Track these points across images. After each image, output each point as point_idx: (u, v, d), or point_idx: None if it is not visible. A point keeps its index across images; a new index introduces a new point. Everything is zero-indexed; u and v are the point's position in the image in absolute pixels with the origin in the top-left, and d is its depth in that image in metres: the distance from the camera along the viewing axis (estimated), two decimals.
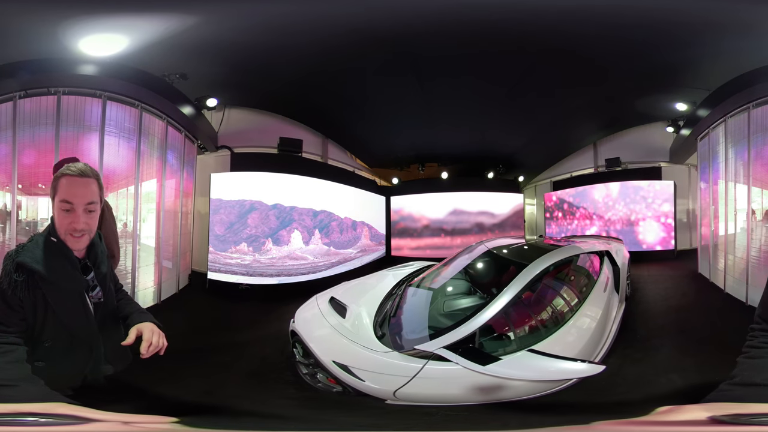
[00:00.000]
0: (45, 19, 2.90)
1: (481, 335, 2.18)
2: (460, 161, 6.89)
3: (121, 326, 1.74)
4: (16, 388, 1.27)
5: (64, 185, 1.47)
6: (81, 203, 1.48)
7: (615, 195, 6.11)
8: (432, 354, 2.08)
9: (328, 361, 2.26)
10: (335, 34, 3.40)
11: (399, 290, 2.97)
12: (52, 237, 1.51)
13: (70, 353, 1.54)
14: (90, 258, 1.62)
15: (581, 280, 2.84)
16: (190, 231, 4.58)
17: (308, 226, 4.85)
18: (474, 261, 3.18)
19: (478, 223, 6.50)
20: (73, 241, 1.51)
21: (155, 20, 3.04)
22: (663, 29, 3.39)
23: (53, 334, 1.50)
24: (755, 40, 3.35)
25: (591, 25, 3.33)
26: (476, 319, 2.22)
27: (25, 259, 1.44)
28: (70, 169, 1.49)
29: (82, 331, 1.55)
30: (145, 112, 3.83)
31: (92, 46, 3.18)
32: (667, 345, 3.04)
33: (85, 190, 1.49)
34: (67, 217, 1.48)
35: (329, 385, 2.28)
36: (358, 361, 2.19)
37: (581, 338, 2.38)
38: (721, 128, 4.43)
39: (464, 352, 2.06)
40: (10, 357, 1.36)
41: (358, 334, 2.39)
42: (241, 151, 4.70)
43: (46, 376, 1.40)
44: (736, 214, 4.10)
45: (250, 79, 4.24)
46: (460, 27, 3.37)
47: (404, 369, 2.09)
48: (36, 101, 3.29)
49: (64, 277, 1.50)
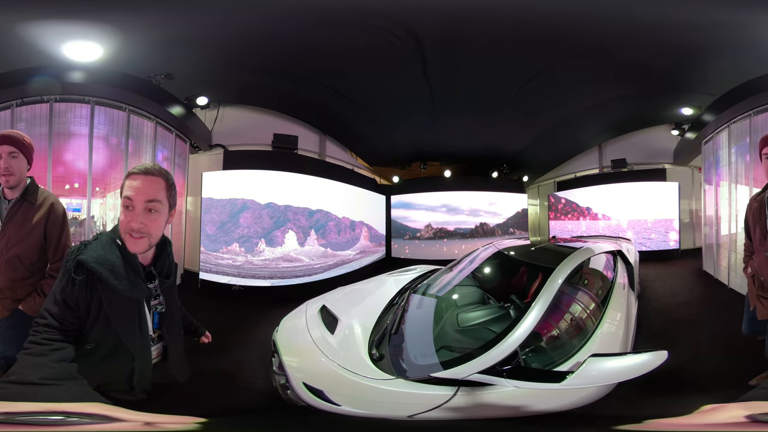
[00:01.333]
0: (28, 27, 2.88)
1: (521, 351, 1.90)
2: (463, 160, 6.82)
3: (181, 338, 1.74)
4: (58, 387, 1.24)
5: (128, 182, 1.43)
6: (141, 200, 1.40)
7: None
8: (463, 380, 1.77)
9: (297, 382, 1.98)
10: (334, 24, 3.29)
11: (401, 300, 2.62)
12: (117, 240, 1.45)
13: (110, 359, 1.48)
14: (157, 266, 1.56)
15: (602, 281, 2.66)
16: (182, 230, 4.51)
17: (303, 226, 4.72)
18: (485, 265, 2.94)
19: (481, 223, 6.43)
20: (132, 243, 1.43)
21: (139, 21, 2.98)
22: (672, 37, 3.36)
23: (99, 338, 1.44)
24: (760, 51, 3.33)
25: (600, 29, 3.28)
26: (512, 336, 1.92)
27: (86, 258, 1.37)
28: (136, 167, 1.45)
29: (131, 340, 1.49)
30: (134, 114, 3.80)
31: (76, 52, 3.19)
32: (687, 338, 3.16)
33: (147, 187, 1.42)
34: (127, 215, 1.42)
35: (296, 400, 2.01)
36: (338, 387, 1.89)
37: (615, 338, 2.22)
38: (724, 133, 4.51)
39: (521, 373, 1.77)
40: (57, 355, 1.32)
41: (346, 355, 2.05)
42: (235, 148, 4.63)
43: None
44: (738, 214, 4.21)
45: (242, 75, 4.14)
46: (466, 24, 3.28)
47: (417, 398, 1.78)
48: (30, 109, 3.50)
49: (124, 283, 1.41)
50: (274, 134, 4.66)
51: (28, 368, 1.26)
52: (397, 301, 2.66)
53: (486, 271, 2.94)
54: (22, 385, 1.22)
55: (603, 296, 2.49)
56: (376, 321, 2.39)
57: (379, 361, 1.99)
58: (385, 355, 2.03)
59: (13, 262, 1.94)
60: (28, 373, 1.25)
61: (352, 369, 1.96)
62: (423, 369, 1.91)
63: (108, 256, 1.41)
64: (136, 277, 1.45)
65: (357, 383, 1.89)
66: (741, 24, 3.11)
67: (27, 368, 1.26)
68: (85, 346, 1.44)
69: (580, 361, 1.71)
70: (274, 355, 2.29)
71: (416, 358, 2.02)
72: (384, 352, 2.05)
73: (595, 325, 2.22)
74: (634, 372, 1.64)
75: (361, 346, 2.11)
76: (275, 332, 2.45)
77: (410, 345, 2.10)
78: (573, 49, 3.72)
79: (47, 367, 1.28)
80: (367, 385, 1.87)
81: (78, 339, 1.43)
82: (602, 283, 2.65)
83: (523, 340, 1.90)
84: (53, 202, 2.04)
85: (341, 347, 2.12)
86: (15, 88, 3.32)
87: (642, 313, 3.14)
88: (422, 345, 2.12)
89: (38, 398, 1.20)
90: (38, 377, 1.23)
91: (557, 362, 1.97)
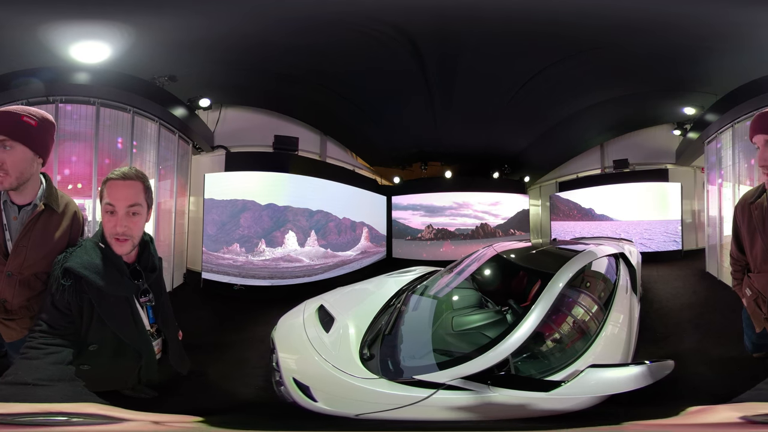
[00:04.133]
0: (35, 28, 2.92)
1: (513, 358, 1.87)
2: (464, 160, 6.81)
3: (177, 330, 1.81)
4: (52, 388, 1.28)
5: (108, 188, 1.50)
6: (123, 205, 1.48)
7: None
8: (443, 384, 1.74)
9: (288, 378, 2.01)
10: (335, 26, 3.33)
11: (398, 301, 2.61)
12: (100, 243, 1.53)
13: (117, 357, 1.55)
14: (141, 262, 1.63)
15: (604, 285, 2.63)
16: (185, 231, 4.57)
17: (303, 226, 4.76)
18: (484, 268, 2.92)
19: (482, 224, 6.42)
20: (118, 246, 1.51)
21: (144, 23, 3.01)
22: (675, 35, 3.34)
23: (99, 339, 1.50)
24: (764, 50, 3.31)
25: (601, 27, 3.28)
26: (506, 343, 1.88)
27: (72, 265, 1.45)
28: (114, 173, 1.51)
29: (129, 336, 1.56)
30: (138, 116, 3.84)
31: (82, 54, 3.22)
32: (687, 341, 3.08)
33: (126, 192, 1.49)
34: (111, 220, 1.49)
35: (286, 396, 2.03)
36: (322, 384, 1.91)
37: (617, 345, 2.16)
38: (728, 133, 4.46)
39: (504, 381, 1.73)
40: (53, 358, 1.36)
41: (337, 353, 2.06)
42: (237, 150, 4.68)
43: (92, 379, 1.42)
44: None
45: (243, 76, 4.18)
46: (467, 23, 3.30)
47: (389, 398, 1.76)
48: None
49: (111, 283, 1.49)
50: (275, 136, 4.70)
51: (24, 370, 1.31)
52: (394, 302, 2.67)
53: (484, 273, 2.93)
54: (16, 385, 1.26)
55: (605, 300, 2.47)
56: (371, 321, 2.41)
57: (369, 360, 2.01)
58: (375, 355, 2.05)
59: (29, 282, 1.58)
60: (23, 374, 1.29)
61: (340, 367, 1.98)
62: (406, 371, 1.93)
63: (93, 260, 1.49)
64: (121, 276, 1.53)
65: (342, 381, 1.92)
66: (744, 22, 3.09)
67: (22, 370, 1.31)
68: (88, 348, 1.50)
69: (578, 369, 1.70)
70: (273, 352, 2.34)
71: (403, 359, 2.03)
72: (375, 352, 2.07)
73: (596, 331, 2.19)
74: (635, 384, 1.60)
75: (353, 345, 2.13)
76: (274, 330, 2.50)
77: (400, 346, 2.12)
78: (574, 48, 3.71)
79: (42, 368, 1.32)
80: (349, 383, 1.90)
81: (79, 343, 1.49)
82: (604, 286, 2.63)
83: (515, 348, 1.88)
84: (76, 211, 1.70)
85: (334, 346, 2.15)
86: (20, 88, 3.28)
87: (644, 316, 3.06)
88: (411, 347, 2.13)
89: (32, 399, 1.23)
90: (32, 378, 1.28)
91: (556, 368, 1.94)
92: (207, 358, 2.73)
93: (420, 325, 2.36)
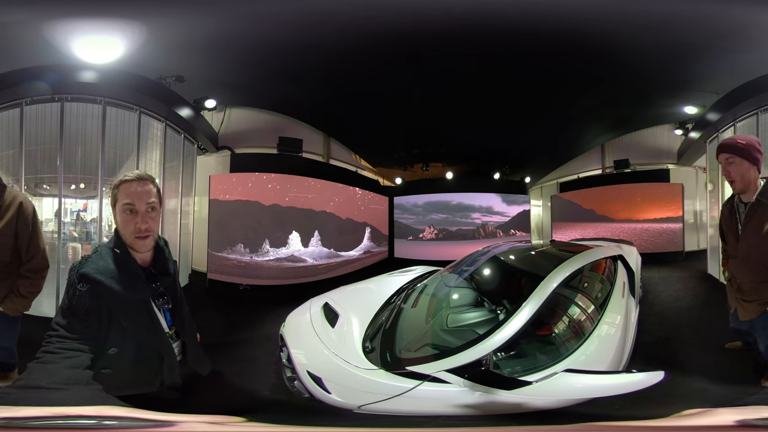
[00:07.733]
0: (42, 26, 2.94)
1: (494, 356, 1.97)
2: (465, 161, 6.83)
3: (195, 331, 1.82)
4: (66, 392, 1.28)
5: (124, 190, 1.53)
6: (143, 202, 1.52)
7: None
8: (429, 376, 1.86)
9: (302, 371, 2.13)
10: (339, 28, 3.36)
11: (398, 299, 2.75)
12: (115, 248, 1.55)
13: (138, 361, 1.56)
14: (156, 266, 1.64)
15: (599, 288, 2.63)
16: (190, 231, 4.60)
17: (307, 227, 4.82)
18: (482, 268, 2.98)
19: (483, 224, 6.44)
20: (141, 244, 1.54)
21: (151, 23, 3.04)
22: (675, 35, 3.36)
23: (119, 343, 1.52)
24: (766, 48, 3.31)
25: (603, 28, 3.29)
26: (490, 340, 1.98)
27: (88, 271, 1.47)
28: (127, 176, 1.56)
29: (148, 339, 1.58)
30: (145, 116, 3.85)
31: (90, 53, 3.24)
32: (686, 345, 3.08)
33: (143, 190, 1.54)
34: (132, 219, 1.52)
35: (302, 390, 2.15)
36: (333, 375, 2.03)
37: (609, 349, 2.17)
38: (729, 132, 4.44)
39: (477, 376, 1.82)
40: (70, 362, 1.38)
41: (343, 346, 2.21)
42: (242, 151, 4.71)
43: (114, 383, 1.44)
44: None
45: (249, 78, 4.23)
46: (468, 25, 3.32)
47: (386, 388, 1.89)
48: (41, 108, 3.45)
49: (127, 287, 1.51)
50: (279, 137, 4.73)
51: (38, 374, 1.32)
52: (395, 299, 2.80)
53: (482, 273, 2.98)
54: (28, 389, 1.27)
55: (600, 302, 2.49)
56: (372, 317, 2.55)
57: (371, 353, 2.16)
58: (376, 348, 2.20)
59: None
60: (37, 377, 1.31)
61: (346, 359, 2.12)
62: (401, 362, 2.05)
63: (108, 265, 1.52)
64: (136, 280, 1.55)
65: (348, 372, 2.05)
66: (745, 21, 3.12)
67: (36, 374, 1.32)
68: (107, 352, 1.52)
69: (554, 372, 1.77)
70: (282, 348, 2.39)
71: (399, 352, 2.15)
72: (375, 345, 2.22)
73: (588, 332, 2.22)
74: (617, 391, 1.62)
75: (357, 339, 2.28)
76: (282, 327, 2.55)
77: (397, 340, 2.25)
78: (574, 48, 3.71)
79: (57, 372, 1.34)
80: (354, 373, 2.04)
81: (99, 348, 1.50)
82: (600, 287, 2.65)
83: (498, 346, 1.99)
84: (22, 201, 1.95)
85: (340, 339, 2.28)
86: (24, 86, 3.30)
87: (643, 319, 3.10)
88: (408, 341, 2.26)
89: (45, 402, 1.24)
90: (47, 382, 1.29)
91: (542, 367, 2.00)
92: (219, 356, 2.74)
93: (416, 321, 2.48)
